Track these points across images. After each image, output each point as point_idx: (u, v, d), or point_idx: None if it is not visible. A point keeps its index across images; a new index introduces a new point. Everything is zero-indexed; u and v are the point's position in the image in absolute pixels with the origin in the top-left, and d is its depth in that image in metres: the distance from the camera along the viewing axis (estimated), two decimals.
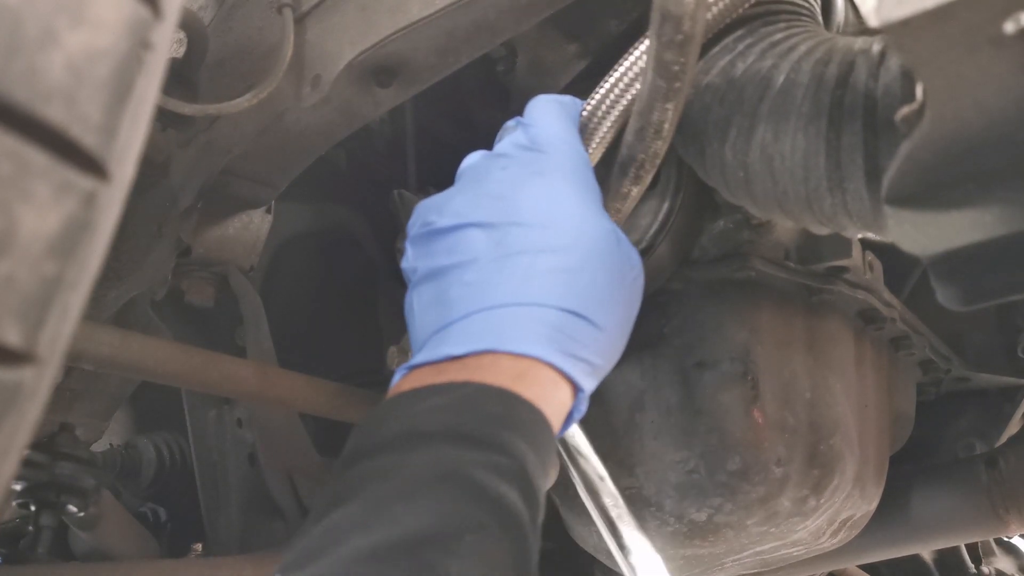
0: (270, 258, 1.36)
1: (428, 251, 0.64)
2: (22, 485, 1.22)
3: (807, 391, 0.95)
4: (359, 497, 0.50)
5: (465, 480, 0.51)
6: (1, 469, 0.33)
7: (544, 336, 0.58)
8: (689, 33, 0.59)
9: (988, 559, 1.67)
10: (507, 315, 0.58)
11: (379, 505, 0.49)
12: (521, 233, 0.61)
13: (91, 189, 0.35)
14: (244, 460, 1.23)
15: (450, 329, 0.60)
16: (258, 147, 0.96)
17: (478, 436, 0.53)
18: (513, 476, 0.52)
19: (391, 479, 0.51)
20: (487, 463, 0.52)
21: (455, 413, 0.54)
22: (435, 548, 0.47)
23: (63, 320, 0.35)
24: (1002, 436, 1.42)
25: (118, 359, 0.88)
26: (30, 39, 0.32)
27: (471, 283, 0.60)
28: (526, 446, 0.54)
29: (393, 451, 0.53)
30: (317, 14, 0.87)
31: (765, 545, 1.00)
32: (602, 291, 0.61)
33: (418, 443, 0.53)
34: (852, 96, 0.61)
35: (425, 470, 0.51)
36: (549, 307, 0.59)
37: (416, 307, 0.64)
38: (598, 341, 0.61)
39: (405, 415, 0.56)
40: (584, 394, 0.62)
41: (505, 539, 0.50)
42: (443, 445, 0.52)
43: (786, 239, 0.96)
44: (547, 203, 0.62)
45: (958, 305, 0.56)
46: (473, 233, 0.62)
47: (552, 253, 0.60)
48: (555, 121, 0.68)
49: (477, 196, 0.64)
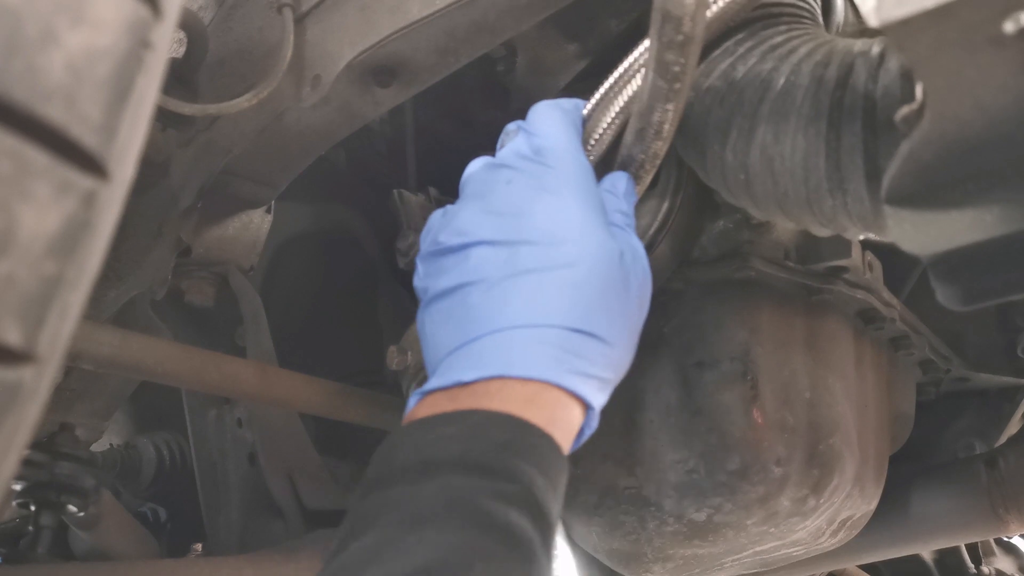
0: (270, 258, 1.36)
1: (437, 270, 0.65)
2: (22, 485, 1.22)
3: (807, 391, 0.95)
4: (373, 529, 0.52)
5: (474, 509, 0.52)
6: (1, 469, 0.33)
7: (552, 358, 0.59)
8: (690, 34, 0.59)
9: (988, 559, 1.67)
10: (516, 337, 0.59)
11: (391, 538, 0.51)
12: (528, 251, 0.61)
13: (91, 189, 0.35)
14: (244, 460, 1.23)
15: (460, 352, 0.61)
16: (258, 147, 0.96)
17: (486, 464, 0.54)
18: (522, 501, 0.54)
19: (402, 510, 0.52)
20: (495, 491, 0.53)
21: (463, 442, 0.55)
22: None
23: (63, 320, 0.35)
24: (1002, 436, 1.42)
25: (118, 359, 0.88)
26: (30, 39, 0.32)
27: (479, 304, 0.61)
28: (534, 471, 0.55)
29: (405, 482, 0.54)
30: (317, 14, 0.87)
31: (765, 545, 1.00)
32: (610, 306, 0.62)
33: (428, 473, 0.54)
34: (852, 97, 0.61)
35: (434, 501, 0.52)
36: (557, 327, 0.59)
37: (428, 327, 0.65)
38: (607, 356, 0.62)
39: (416, 445, 0.57)
40: (594, 411, 0.63)
41: (514, 564, 0.51)
42: (452, 475, 0.53)
43: (786, 239, 0.96)
44: (553, 221, 0.63)
45: (958, 305, 0.56)
46: (481, 251, 0.62)
47: (559, 271, 0.61)
48: (558, 131, 0.68)
49: (483, 213, 0.64)
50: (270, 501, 1.19)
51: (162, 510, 1.56)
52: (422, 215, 0.97)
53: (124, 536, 1.35)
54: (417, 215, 0.97)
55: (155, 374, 0.92)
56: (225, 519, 1.24)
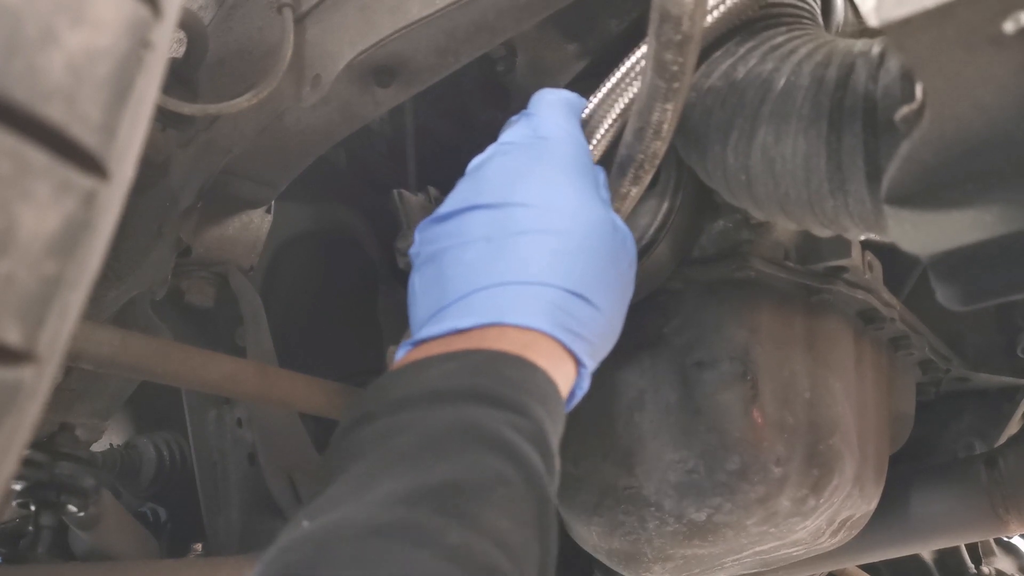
0: (270, 258, 1.36)
1: (432, 236, 0.65)
2: (22, 485, 1.22)
3: (806, 391, 0.95)
4: (381, 450, 0.49)
5: (492, 435, 0.50)
6: (1, 469, 0.33)
7: (547, 312, 0.59)
8: (688, 33, 0.59)
9: (988, 559, 1.67)
10: (510, 292, 0.59)
11: (405, 456, 0.48)
12: (522, 214, 0.62)
13: (91, 189, 0.35)
14: (244, 460, 1.23)
15: (452, 307, 0.60)
16: (258, 147, 0.96)
17: (498, 397, 0.53)
18: (533, 438, 0.52)
19: (413, 433, 0.50)
20: (510, 422, 0.52)
21: (472, 375, 0.54)
22: (468, 497, 0.46)
23: (63, 320, 0.35)
24: (1002, 436, 1.42)
25: (118, 359, 0.88)
26: (30, 38, 0.32)
27: (473, 262, 0.61)
28: (543, 411, 0.55)
29: (413, 408, 0.52)
30: (317, 14, 0.87)
31: (765, 545, 1.00)
32: (599, 274, 0.62)
33: (437, 401, 0.52)
34: (852, 98, 0.61)
35: (450, 424, 0.50)
36: (550, 286, 0.60)
37: (418, 287, 0.65)
38: (596, 321, 0.62)
39: (419, 379, 0.55)
40: (586, 371, 0.63)
41: (530, 496, 0.50)
42: (464, 404, 0.52)
43: (785, 239, 0.96)
44: (547, 187, 0.63)
45: (958, 305, 0.56)
46: (475, 215, 0.63)
47: (552, 235, 0.61)
48: (558, 112, 0.69)
49: (479, 181, 0.65)
50: (270, 501, 1.19)
51: (162, 510, 1.56)
52: (422, 215, 0.97)
53: (124, 536, 1.35)
54: (417, 215, 0.97)
55: (155, 374, 0.92)
56: (225, 519, 1.24)
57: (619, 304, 0.65)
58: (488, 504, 0.46)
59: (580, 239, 0.62)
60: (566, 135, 0.67)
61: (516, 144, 0.67)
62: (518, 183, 0.63)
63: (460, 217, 0.63)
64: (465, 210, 0.63)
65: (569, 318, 0.60)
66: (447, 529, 0.44)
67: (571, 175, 0.65)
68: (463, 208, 0.64)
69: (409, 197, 0.99)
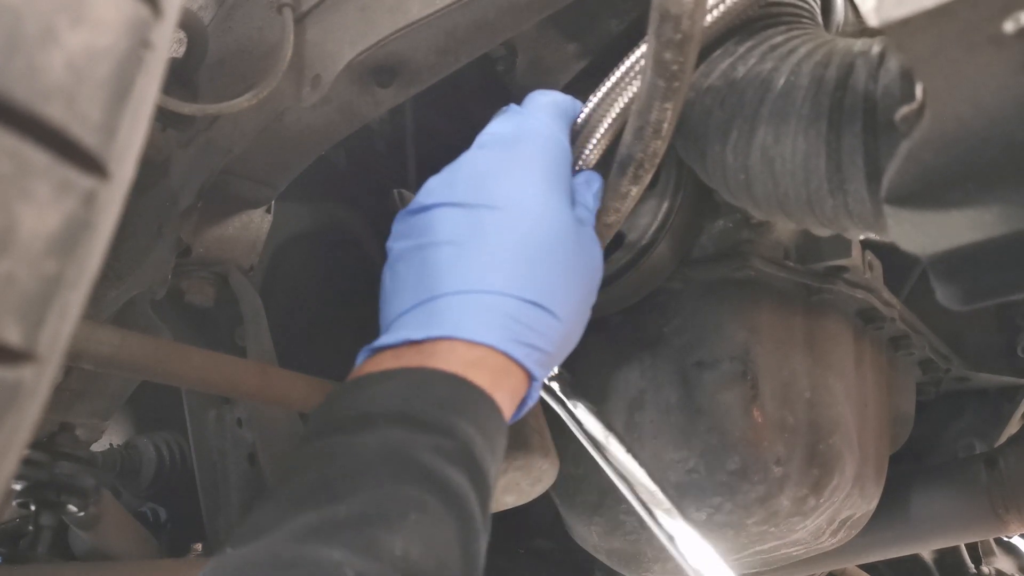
0: (270, 258, 1.36)
1: (405, 230, 0.66)
2: (22, 485, 1.22)
3: (806, 391, 0.95)
4: (307, 475, 0.52)
5: (410, 461, 0.52)
6: (1, 468, 0.33)
7: (500, 325, 0.60)
8: (688, 32, 0.59)
9: (988, 559, 1.67)
10: (468, 302, 0.60)
11: (325, 484, 0.51)
12: (489, 217, 0.63)
13: (91, 188, 0.35)
14: (244, 460, 1.23)
15: (413, 312, 0.62)
16: (258, 147, 0.96)
17: (425, 419, 0.55)
18: (459, 458, 0.54)
19: (338, 460, 0.53)
20: (433, 445, 0.53)
21: (403, 397, 0.56)
22: (379, 526, 0.48)
23: (63, 319, 0.35)
24: (1002, 436, 1.42)
25: (118, 359, 0.88)
26: (30, 38, 0.32)
27: (436, 265, 0.62)
28: (473, 430, 0.56)
29: (343, 432, 0.55)
30: (317, 14, 0.87)
31: (765, 544, 1.00)
32: (560, 281, 0.63)
33: (367, 425, 0.54)
34: (852, 98, 0.61)
35: (371, 451, 0.53)
36: (509, 296, 0.61)
37: (387, 284, 0.66)
38: (554, 330, 0.63)
39: (356, 399, 0.57)
40: (537, 383, 0.64)
41: (450, 519, 0.51)
42: (391, 428, 0.54)
43: (785, 238, 0.96)
44: (516, 189, 0.64)
45: (958, 305, 0.56)
46: (444, 212, 0.64)
47: (516, 241, 0.62)
48: (544, 113, 0.70)
49: (453, 176, 0.66)
50: None
51: (162, 510, 1.56)
52: None
53: (124, 536, 1.35)
54: None
55: (155, 374, 0.92)
56: (225, 519, 1.24)
57: (580, 311, 0.66)
58: (397, 532, 0.48)
59: (543, 245, 0.62)
60: (546, 138, 0.68)
61: (496, 141, 0.68)
62: (490, 182, 0.64)
63: (431, 213, 0.65)
64: (435, 206, 0.65)
65: (525, 330, 0.61)
66: (351, 563, 0.46)
67: (541, 178, 0.65)
68: (435, 204, 0.65)
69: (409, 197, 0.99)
